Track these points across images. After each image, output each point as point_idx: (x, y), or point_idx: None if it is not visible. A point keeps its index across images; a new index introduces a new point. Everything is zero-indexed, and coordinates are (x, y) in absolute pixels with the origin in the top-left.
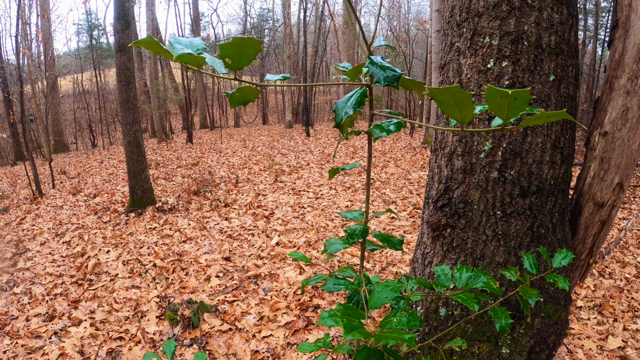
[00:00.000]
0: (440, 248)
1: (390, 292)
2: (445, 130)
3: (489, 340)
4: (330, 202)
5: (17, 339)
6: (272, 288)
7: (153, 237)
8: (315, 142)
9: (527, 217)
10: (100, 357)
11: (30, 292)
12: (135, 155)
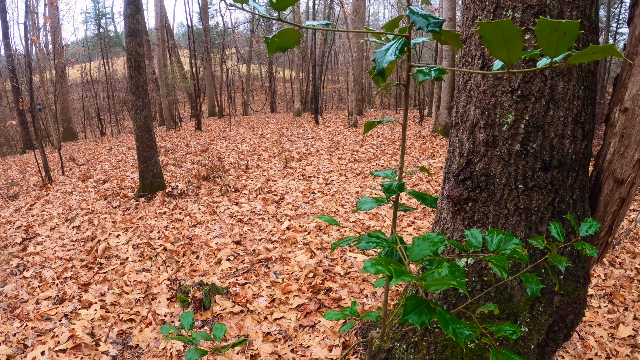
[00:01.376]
0: (461, 223)
1: (429, 245)
2: (479, 74)
3: (509, 317)
4: (341, 188)
5: (27, 322)
6: (283, 271)
7: (163, 221)
8: (325, 130)
9: (548, 192)
10: (111, 338)
11: (40, 275)
12: (145, 140)
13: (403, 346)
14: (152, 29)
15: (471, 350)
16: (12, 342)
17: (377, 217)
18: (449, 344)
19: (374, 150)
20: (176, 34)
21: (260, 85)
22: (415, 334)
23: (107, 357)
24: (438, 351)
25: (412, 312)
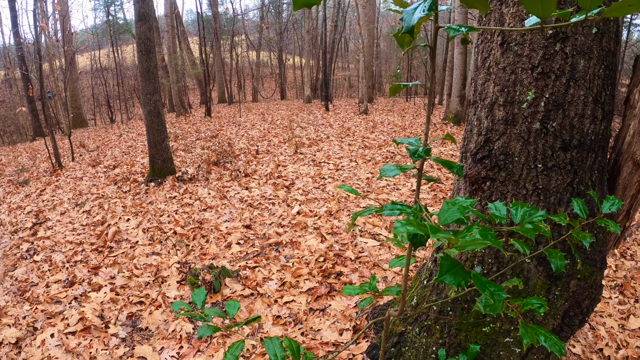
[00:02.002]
0: (479, 203)
1: (459, 209)
2: (517, 31)
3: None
4: (351, 174)
5: (37, 305)
6: (294, 255)
7: (173, 205)
8: (335, 117)
9: (567, 172)
10: (121, 321)
11: (51, 259)
12: (155, 124)
13: (416, 330)
14: (161, 16)
15: (485, 333)
16: (22, 325)
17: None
18: (464, 327)
19: (384, 137)
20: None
21: (270, 72)
22: (429, 317)
23: (116, 339)
24: (452, 334)
25: (447, 272)
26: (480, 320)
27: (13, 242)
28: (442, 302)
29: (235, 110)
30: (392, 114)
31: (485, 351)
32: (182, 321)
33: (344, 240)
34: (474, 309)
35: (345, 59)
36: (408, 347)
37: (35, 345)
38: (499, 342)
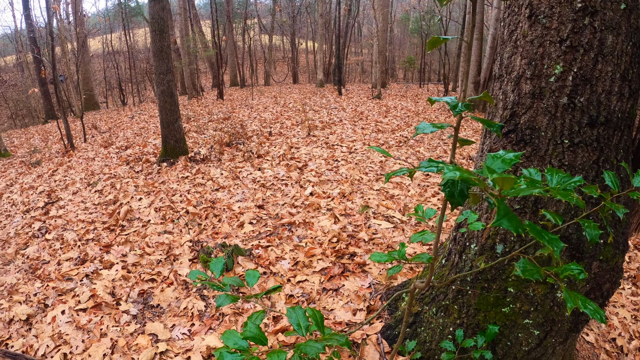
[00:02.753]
0: None
1: (504, 161)
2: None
3: (545, 282)
4: (364, 157)
5: (48, 282)
6: (307, 235)
7: (185, 185)
8: (348, 101)
9: (593, 150)
10: (132, 298)
11: (62, 237)
12: (168, 104)
13: (432, 310)
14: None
15: (505, 314)
16: (33, 302)
17: (401, 187)
18: (483, 308)
19: (397, 122)
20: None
21: (282, 56)
22: (447, 297)
23: (127, 316)
24: (470, 315)
25: (504, 217)
26: (500, 301)
27: (25, 221)
28: (461, 281)
29: (248, 93)
30: (405, 99)
31: (503, 332)
32: (194, 299)
33: (357, 222)
34: (512, 272)
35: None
36: (424, 328)
37: (45, 321)
38: (518, 324)
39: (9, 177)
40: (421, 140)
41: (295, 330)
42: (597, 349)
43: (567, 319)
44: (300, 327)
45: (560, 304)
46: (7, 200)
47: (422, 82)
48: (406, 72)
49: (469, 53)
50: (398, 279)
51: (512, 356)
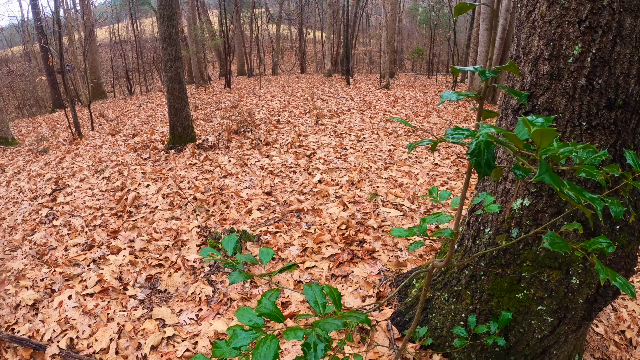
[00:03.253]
0: None
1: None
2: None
3: (560, 267)
4: (373, 146)
5: (55, 267)
6: (315, 222)
7: (193, 172)
8: (356, 91)
9: (611, 133)
10: (139, 283)
11: (70, 224)
12: (176, 91)
13: (444, 295)
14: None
15: (518, 300)
16: (40, 287)
17: (410, 175)
18: (496, 293)
19: (406, 112)
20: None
21: (289, 46)
22: (459, 282)
23: (134, 300)
24: (483, 300)
25: (546, 172)
26: (514, 286)
27: (32, 208)
28: (475, 267)
29: (255, 82)
30: (413, 89)
31: (516, 319)
32: (201, 284)
33: (366, 210)
34: (541, 245)
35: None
36: (435, 314)
37: (52, 306)
38: (532, 310)
39: (17, 164)
40: (430, 130)
41: (312, 307)
42: (606, 340)
43: (581, 306)
44: (318, 305)
45: (574, 290)
46: (14, 187)
47: (430, 73)
48: (414, 63)
49: (493, 33)
50: (408, 266)
51: (524, 343)
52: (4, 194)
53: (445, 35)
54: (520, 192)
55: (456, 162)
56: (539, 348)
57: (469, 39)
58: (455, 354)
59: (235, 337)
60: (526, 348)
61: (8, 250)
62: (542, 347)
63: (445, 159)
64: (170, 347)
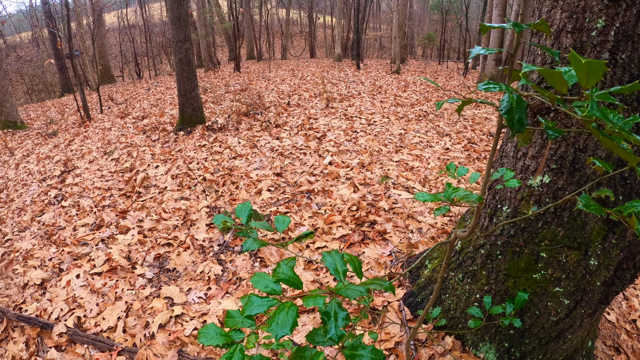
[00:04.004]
0: (539, 136)
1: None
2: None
3: (579, 248)
4: (383, 129)
5: (64, 247)
6: (326, 203)
7: (202, 153)
8: (366, 75)
9: (634, 110)
10: (148, 262)
11: (78, 204)
12: (185, 72)
13: (459, 276)
14: None
15: (536, 281)
16: (48, 267)
17: (421, 159)
18: (513, 273)
19: (417, 97)
20: None
21: (299, 30)
22: (475, 262)
23: (143, 279)
24: (499, 281)
25: (595, 108)
26: (532, 266)
27: (41, 190)
28: (491, 245)
29: (265, 66)
30: (424, 75)
31: (532, 301)
32: (210, 263)
33: (377, 192)
34: (575, 207)
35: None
36: (449, 295)
37: (60, 286)
38: (549, 292)
39: (26, 147)
40: (441, 115)
41: (332, 274)
42: (617, 328)
43: (598, 289)
44: (338, 272)
45: (592, 272)
46: (23, 170)
47: (441, 59)
48: (425, 49)
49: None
50: (420, 247)
51: (539, 326)
52: (13, 176)
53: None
54: (539, 168)
55: (467, 147)
56: (554, 331)
57: None
58: (469, 336)
59: (249, 305)
60: (541, 331)
61: (17, 230)
62: (557, 331)
63: (456, 144)
64: (178, 325)
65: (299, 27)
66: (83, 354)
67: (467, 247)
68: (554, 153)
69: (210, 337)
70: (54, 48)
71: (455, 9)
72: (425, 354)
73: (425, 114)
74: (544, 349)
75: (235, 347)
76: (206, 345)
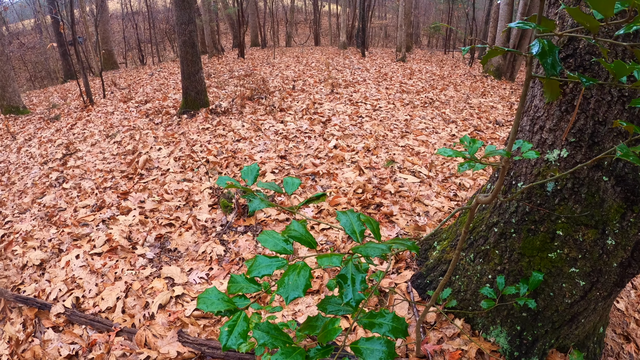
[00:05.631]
0: (558, 108)
1: None
2: None
3: (596, 226)
4: (389, 115)
5: (64, 228)
6: (331, 186)
7: (206, 136)
8: (371, 62)
9: None
10: (149, 242)
11: (80, 186)
12: (189, 55)
13: (470, 256)
14: None
15: (551, 260)
16: (47, 248)
17: (427, 144)
18: (528, 252)
19: (422, 84)
20: None
21: (304, 18)
22: (487, 241)
23: (143, 259)
24: (513, 260)
25: None
26: (547, 245)
27: (42, 172)
28: (505, 223)
29: (269, 53)
30: (430, 63)
31: (547, 281)
32: (212, 243)
33: (383, 175)
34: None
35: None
36: (459, 276)
37: (59, 266)
38: (564, 272)
39: (28, 132)
40: (447, 103)
41: (349, 234)
42: (627, 317)
43: (614, 270)
44: (355, 232)
45: (609, 252)
46: (25, 153)
47: (447, 49)
48: (430, 39)
49: None
50: (427, 230)
51: (553, 309)
52: (15, 160)
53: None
54: (557, 142)
55: (474, 134)
56: (568, 314)
57: (488, 15)
58: (479, 319)
59: (256, 265)
60: (555, 314)
61: (17, 212)
62: (571, 314)
63: (462, 131)
64: (178, 306)
65: (303, 15)
66: (81, 335)
67: (479, 226)
68: (572, 126)
69: (211, 303)
70: (57, 34)
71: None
72: (433, 337)
73: (431, 101)
74: (557, 333)
75: (239, 315)
76: (205, 311)
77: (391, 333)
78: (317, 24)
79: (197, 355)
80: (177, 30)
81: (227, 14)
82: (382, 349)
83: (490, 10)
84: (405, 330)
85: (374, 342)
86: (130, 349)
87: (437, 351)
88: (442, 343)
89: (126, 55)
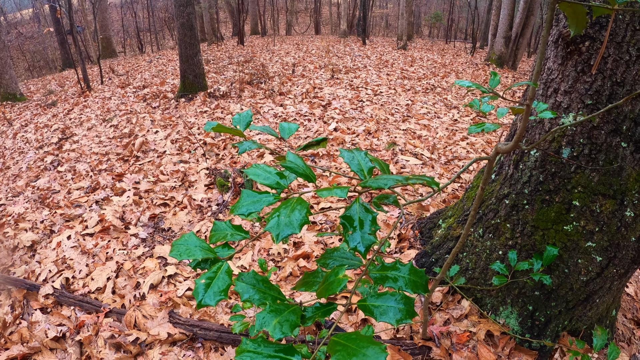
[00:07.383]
0: (573, 69)
1: None
2: None
3: (614, 197)
4: (390, 100)
5: (56, 209)
6: (331, 167)
7: (204, 119)
8: (372, 50)
9: None
10: (142, 222)
11: (74, 169)
12: (188, 37)
13: (479, 231)
14: None
15: (566, 233)
16: (39, 229)
17: (429, 128)
18: (542, 225)
19: (423, 71)
20: None
21: (304, 7)
22: (498, 215)
23: (136, 239)
24: (526, 234)
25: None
26: (563, 217)
27: (37, 156)
28: (517, 195)
29: (269, 41)
30: (431, 52)
31: (562, 257)
32: (207, 222)
33: (384, 157)
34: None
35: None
36: (467, 253)
37: (50, 247)
38: (580, 247)
39: (24, 118)
40: (448, 89)
41: (355, 172)
42: (636, 302)
43: (633, 245)
44: (362, 170)
45: (628, 224)
46: (21, 139)
47: (448, 38)
48: (431, 29)
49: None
50: (430, 210)
51: (568, 287)
52: (11, 145)
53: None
54: (572, 105)
55: (476, 120)
56: (583, 293)
57: (490, 4)
58: (487, 299)
59: (241, 202)
60: (569, 292)
61: (10, 196)
62: (587, 293)
63: (464, 116)
64: (170, 286)
65: (303, 4)
66: (69, 316)
67: (488, 199)
68: (589, 87)
69: (186, 250)
70: (55, 23)
71: None
72: (439, 318)
73: (432, 87)
74: (570, 313)
75: (220, 266)
76: (179, 260)
77: (409, 288)
78: (318, 12)
79: (188, 337)
80: (175, 12)
81: (227, 1)
82: (399, 307)
83: (492, 0)
84: (426, 285)
85: (388, 298)
86: (119, 330)
87: (443, 333)
88: (449, 325)
89: (125, 44)
